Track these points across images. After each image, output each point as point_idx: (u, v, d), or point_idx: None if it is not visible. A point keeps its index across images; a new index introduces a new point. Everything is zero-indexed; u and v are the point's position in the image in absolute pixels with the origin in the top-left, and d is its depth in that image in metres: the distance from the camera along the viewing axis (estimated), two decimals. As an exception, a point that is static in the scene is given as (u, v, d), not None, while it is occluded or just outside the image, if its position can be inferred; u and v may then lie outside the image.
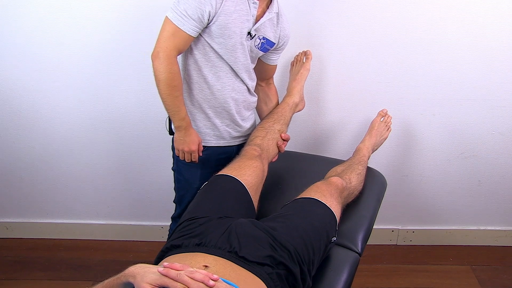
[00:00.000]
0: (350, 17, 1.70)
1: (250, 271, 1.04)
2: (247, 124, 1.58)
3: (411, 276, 2.01)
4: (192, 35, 1.33)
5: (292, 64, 1.76)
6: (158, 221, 2.14)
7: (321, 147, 1.97)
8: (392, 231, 2.17)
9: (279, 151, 1.59)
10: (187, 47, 1.37)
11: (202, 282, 0.87)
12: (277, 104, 1.69)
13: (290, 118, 1.67)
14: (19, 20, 1.70)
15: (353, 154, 1.66)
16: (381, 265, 2.06)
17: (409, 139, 1.94)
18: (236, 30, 1.35)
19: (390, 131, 1.76)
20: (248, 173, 1.37)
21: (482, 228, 2.16)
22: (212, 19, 1.32)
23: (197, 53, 1.40)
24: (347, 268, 1.26)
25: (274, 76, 1.69)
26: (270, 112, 1.66)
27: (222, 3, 1.31)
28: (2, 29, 1.72)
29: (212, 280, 0.88)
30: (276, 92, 1.71)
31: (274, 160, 1.59)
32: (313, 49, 1.74)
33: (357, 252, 1.32)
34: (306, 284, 1.13)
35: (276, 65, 1.62)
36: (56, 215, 2.15)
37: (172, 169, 1.62)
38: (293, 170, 1.66)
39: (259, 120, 1.69)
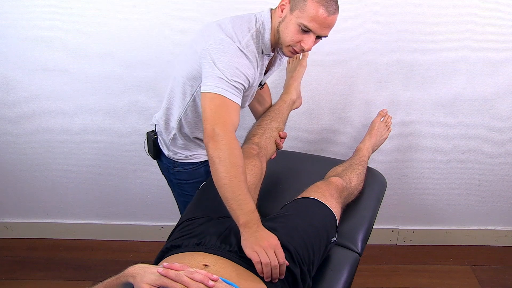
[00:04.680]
0: (350, 17, 1.70)
1: (250, 271, 1.04)
2: None
3: (411, 276, 2.01)
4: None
5: (289, 61, 1.74)
6: (158, 221, 2.14)
7: (321, 147, 1.96)
8: (392, 231, 2.16)
9: (277, 148, 1.58)
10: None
11: (202, 283, 0.87)
12: (271, 103, 1.68)
13: (287, 116, 1.65)
14: (19, 20, 1.70)
15: (353, 154, 1.65)
16: (381, 265, 2.06)
17: (409, 139, 1.94)
18: (253, 86, 1.37)
19: (390, 131, 1.76)
20: (246, 172, 1.36)
21: (482, 228, 2.16)
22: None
23: (198, 97, 1.34)
24: (347, 268, 1.25)
25: None
26: (267, 110, 1.64)
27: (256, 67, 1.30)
28: (2, 29, 1.72)
29: (212, 280, 0.88)
30: (269, 90, 1.69)
31: (272, 157, 1.57)
32: (313, 49, 1.73)
33: (357, 252, 1.32)
34: (306, 284, 1.12)
35: None
36: (56, 215, 2.15)
37: (176, 198, 1.60)
38: (293, 170, 1.66)
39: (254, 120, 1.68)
